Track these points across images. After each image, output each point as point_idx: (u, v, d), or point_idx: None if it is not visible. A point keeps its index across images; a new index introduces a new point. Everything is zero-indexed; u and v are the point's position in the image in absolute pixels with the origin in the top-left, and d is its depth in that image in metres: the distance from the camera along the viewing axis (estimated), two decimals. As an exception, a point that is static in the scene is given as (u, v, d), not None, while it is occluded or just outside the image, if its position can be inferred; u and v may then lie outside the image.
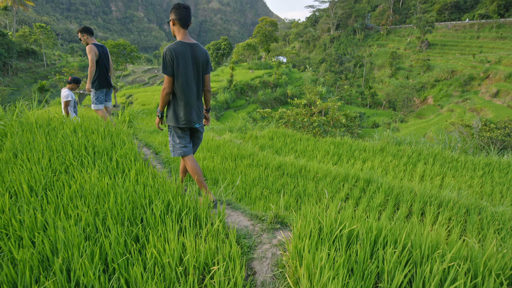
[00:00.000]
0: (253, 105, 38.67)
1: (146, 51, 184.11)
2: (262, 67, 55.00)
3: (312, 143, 7.80)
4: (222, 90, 38.37)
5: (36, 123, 4.17)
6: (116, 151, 3.49)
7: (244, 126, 12.16)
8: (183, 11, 2.95)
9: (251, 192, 4.57)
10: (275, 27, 66.76)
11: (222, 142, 6.83)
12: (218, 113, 34.10)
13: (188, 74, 2.97)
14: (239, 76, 44.87)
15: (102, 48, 5.38)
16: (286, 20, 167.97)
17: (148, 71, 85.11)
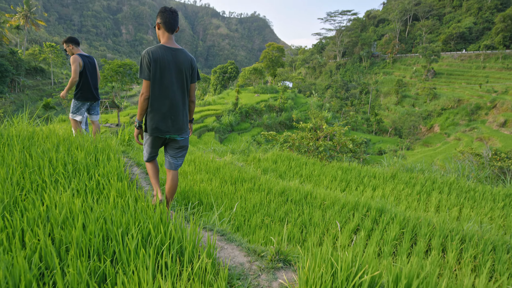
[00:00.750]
0: (258, 128, 38.50)
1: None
2: (268, 91, 55.34)
3: (318, 167, 7.37)
4: (227, 113, 38.34)
5: (17, 137, 3.81)
6: (98, 169, 3.09)
7: (247, 148, 11.78)
8: (169, 14, 2.81)
9: (251, 219, 4.12)
10: (282, 53, 67.71)
11: (222, 164, 6.43)
12: (222, 135, 33.90)
13: (167, 81, 2.77)
14: (245, 100, 45.01)
15: (89, 58, 5.12)
16: (293, 46, 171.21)
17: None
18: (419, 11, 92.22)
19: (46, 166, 3.02)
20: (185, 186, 4.89)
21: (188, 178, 5.42)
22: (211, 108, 39.95)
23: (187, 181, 5.26)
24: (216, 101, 45.67)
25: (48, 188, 2.60)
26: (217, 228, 2.63)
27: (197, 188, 4.90)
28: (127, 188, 2.76)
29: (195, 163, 6.41)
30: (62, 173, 2.96)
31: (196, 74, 2.99)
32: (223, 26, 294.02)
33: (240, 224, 3.98)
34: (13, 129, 4.01)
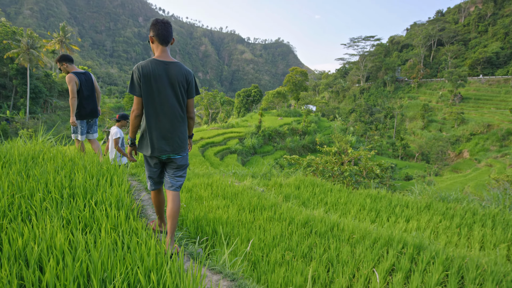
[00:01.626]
0: (281, 151, 38.06)
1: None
2: (291, 114, 55.14)
3: (344, 195, 6.83)
4: (250, 135, 38.22)
5: (19, 156, 3.59)
6: (97, 195, 2.77)
7: (269, 172, 11.35)
8: (161, 26, 2.68)
9: (270, 254, 3.66)
10: (305, 77, 67.91)
11: (241, 189, 6.03)
12: (245, 158, 33.64)
13: (159, 97, 2.59)
14: (268, 123, 44.92)
15: (85, 75, 4.94)
16: (316, 71, 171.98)
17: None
18: (444, 37, 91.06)
19: (40, 190, 2.72)
20: (199, 213, 4.51)
21: (203, 204, 5.04)
22: (234, 131, 39.99)
23: (202, 207, 4.88)
24: (239, 124, 45.79)
25: (34, 217, 2.28)
26: (227, 271, 2.21)
27: (212, 216, 4.50)
28: (124, 219, 2.40)
29: (212, 188, 6.05)
30: (56, 199, 2.65)
31: (193, 88, 2.80)
32: (247, 51, 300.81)
33: (258, 260, 3.53)
34: (15, 148, 3.80)
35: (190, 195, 5.50)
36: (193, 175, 9.87)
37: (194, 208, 4.84)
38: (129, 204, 2.79)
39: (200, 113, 69.00)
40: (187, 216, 4.31)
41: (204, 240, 3.92)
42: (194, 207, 4.86)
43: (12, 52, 47.87)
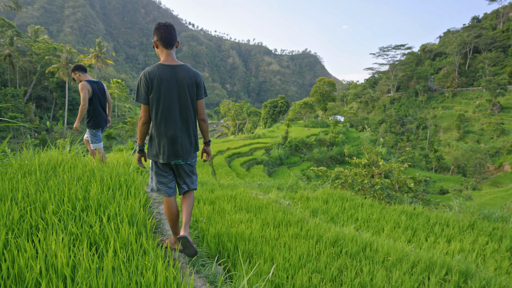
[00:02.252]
0: (308, 162, 37.40)
1: (208, 107, 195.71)
2: (319, 125, 54.40)
3: (377, 210, 6.36)
4: (277, 146, 37.88)
5: (40, 166, 3.49)
6: (110, 209, 2.57)
7: (295, 184, 10.97)
8: (163, 29, 2.58)
9: (296, 276, 3.32)
10: (333, 87, 67.04)
11: (265, 202, 5.72)
12: (271, 168, 33.28)
13: (168, 101, 2.53)
14: (295, 133, 44.45)
15: (97, 84, 4.93)
16: (344, 81, 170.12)
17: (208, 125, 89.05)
18: (480, 44, 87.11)
19: (54, 202, 2.56)
20: (221, 227, 4.25)
21: (225, 218, 4.78)
22: (261, 141, 39.82)
23: (224, 221, 4.62)
24: (266, 134, 45.60)
25: (41, 232, 2.10)
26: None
27: (234, 231, 4.23)
28: (136, 237, 2.18)
29: (236, 200, 5.79)
30: (68, 212, 2.47)
31: (202, 89, 2.75)
32: (274, 63, 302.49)
33: (282, 283, 3.20)
34: (36, 158, 3.71)
35: (212, 208, 5.26)
36: (217, 187, 9.67)
37: (216, 221, 4.59)
38: (142, 219, 2.56)
39: (227, 124, 69.60)
40: (208, 231, 4.07)
41: (225, 256, 3.65)
42: (216, 221, 4.62)
43: (53, 67, 50.52)
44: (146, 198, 3.35)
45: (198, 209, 5.10)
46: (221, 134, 71.70)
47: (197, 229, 3.98)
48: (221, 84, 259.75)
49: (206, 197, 5.83)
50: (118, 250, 2.04)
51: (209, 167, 27.09)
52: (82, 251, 2.03)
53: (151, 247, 2.15)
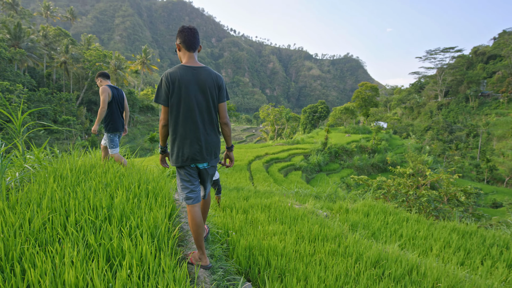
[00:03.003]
0: (348, 169, 36.27)
1: (247, 112, 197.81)
2: (360, 131, 52.78)
3: (424, 226, 5.82)
4: (316, 152, 37.16)
5: (72, 171, 3.48)
6: (132, 220, 2.45)
7: (334, 193, 10.53)
8: (187, 32, 2.59)
9: (332, 300, 3.02)
10: (376, 92, 64.85)
11: (301, 213, 5.43)
12: (309, 175, 32.66)
13: (189, 103, 2.49)
14: (335, 139, 43.40)
15: (117, 90, 5.06)
16: (388, 86, 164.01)
17: (247, 130, 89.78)
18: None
19: (77, 210, 2.49)
20: (253, 239, 4.04)
21: (258, 229, 4.56)
22: (300, 147, 39.29)
23: (256, 233, 4.41)
24: (304, 140, 44.96)
25: (58, 243, 2.01)
26: None
27: (267, 244, 3.99)
28: (155, 254, 2.02)
29: (270, 210, 5.56)
30: (90, 221, 2.38)
31: (224, 92, 2.70)
32: (315, 67, 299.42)
33: (316, 308, 2.92)
34: (67, 162, 3.73)
35: (245, 217, 5.07)
36: (253, 194, 9.49)
37: (248, 233, 4.39)
38: (164, 232, 2.41)
39: (266, 129, 69.64)
40: (239, 243, 3.87)
41: (256, 272, 3.43)
42: (248, 232, 4.42)
43: (102, 72, 53.37)
44: (173, 207, 3.22)
45: (230, 218, 4.93)
46: (260, 139, 71.86)
47: (225, 242, 3.80)
48: (261, 89, 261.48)
49: (240, 206, 5.65)
50: (134, 268, 1.89)
51: (246, 172, 27.07)
52: (97, 266, 1.90)
53: (167, 266, 1.97)
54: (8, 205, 2.68)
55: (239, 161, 30.89)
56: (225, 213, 5.19)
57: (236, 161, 31.19)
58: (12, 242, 2.03)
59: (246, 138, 75.16)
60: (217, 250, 2.93)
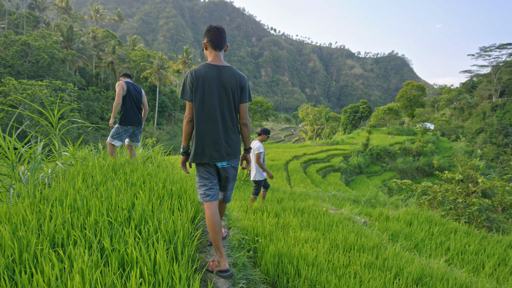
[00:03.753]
0: (390, 172, 34.75)
1: (286, 111, 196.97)
2: (404, 133, 50.46)
3: (474, 240, 5.25)
4: (356, 154, 36.00)
5: (102, 168, 3.46)
6: (150, 224, 2.32)
7: (374, 197, 9.99)
8: (214, 31, 2.61)
9: (367, 322, 2.72)
10: (422, 92, 61.70)
11: (337, 219, 5.10)
12: (349, 177, 31.68)
13: (211, 101, 2.50)
14: (376, 141, 41.81)
15: (134, 86, 5.15)
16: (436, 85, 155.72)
17: (285, 130, 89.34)
18: None
19: (97, 210, 2.41)
20: (283, 246, 3.81)
21: (289, 235, 4.32)
22: (339, 148, 38.28)
23: (287, 239, 4.18)
24: (344, 141, 43.77)
25: (68, 248, 1.92)
26: None
27: (297, 252, 3.75)
28: (168, 261, 1.87)
29: (303, 214, 5.28)
30: (109, 223, 2.29)
31: (247, 94, 2.68)
32: (357, 66, 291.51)
33: (348, 329, 2.64)
34: (95, 159, 3.72)
35: (276, 222, 4.84)
36: (287, 195, 9.24)
37: (278, 238, 4.17)
38: (182, 238, 2.26)
39: (305, 129, 68.76)
40: (268, 248, 3.66)
41: (284, 282, 3.21)
42: (279, 237, 4.19)
43: (146, 72, 55.65)
44: (197, 210, 3.08)
45: (261, 221, 4.73)
46: (299, 139, 71.10)
47: (252, 250, 3.61)
48: (300, 89, 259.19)
49: (272, 208, 5.43)
50: (146, 277, 1.75)
51: (283, 172, 26.77)
52: (109, 273, 1.78)
53: (179, 277, 1.81)
54: (33, 202, 2.68)
55: (277, 161, 30.63)
56: (255, 216, 5.00)
57: (273, 161, 30.96)
58: (26, 242, 1.97)
59: (285, 138, 74.76)
60: (241, 258, 2.74)
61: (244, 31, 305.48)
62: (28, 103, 13.46)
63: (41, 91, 32.33)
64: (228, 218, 3.58)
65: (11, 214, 2.37)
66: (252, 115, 33.74)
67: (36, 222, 2.21)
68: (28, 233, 2.06)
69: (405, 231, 5.41)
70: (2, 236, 1.97)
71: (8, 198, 3.13)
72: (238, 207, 5.43)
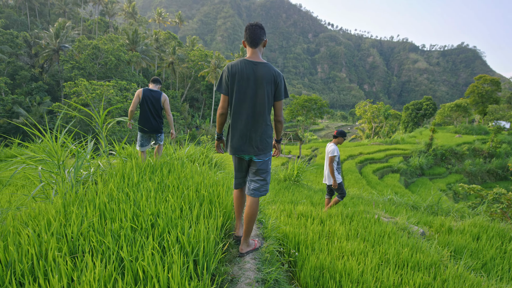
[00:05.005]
0: (456, 175, 31.94)
1: (343, 108, 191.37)
2: (474, 132, 46.15)
3: (560, 262, 4.43)
4: (418, 154, 33.67)
5: (141, 168, 3.42)
6: (173, 233, 2.17)
7: (436, 204, 9.10)
8: (250, 29, 2.67)
9: None
10: (497, 87, 55.92)
11: (389, 229, 4.62)
12: (409, 179, 29.72)
13: (245, 95, 2.58)
14: (441, 140, 38.72)
15: (152, 92, 5.14)
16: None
17: (342, 127, 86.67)
18: None
19: (123, 216, 2.33)
20: (325, 258, 3.49)
21: (334, 245, 3.97)
22: (399, 147, 36.10)
23: (332, 249, 3.84)
24: (405, 140, 41.19)
25: (87, 255, 1.83)
26: None
27: (341, 265, 3.40)
28: (183, 282, 1.69)
29: (352, 222, 4.87)
30: (132, 229, 2.18)
31: (282, 91, 2.69)
32: (421, 60, 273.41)
33: None
34: (135, 159, 3.70)
35: (321, 229, 4.50)
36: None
37: (321, 249, 3.84)
38: (203, 250, 2.08)
39: (362, 127, 66.08)
40: (308, 260, 3.37)
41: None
42: (321, 247, 3.86)
43: (204, 71, 57.44)
44: (229, 216, 2.89)
45: (304, 228, 4.44)
46: (355, 137, 68.52)
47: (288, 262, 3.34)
48: (358, 85, 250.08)
49: (317, 214, 5.09)
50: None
51: (337, 172, 25.90)
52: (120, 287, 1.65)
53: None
54: (67, 202, 2.68)
55: (330, 160, 29.72)
56: (299, 221, 4.71)
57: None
58: (44, 247, 1.93)
59: (340, 136, 72.50)
60: (272, 274, 2.49)
61: (300, 27, 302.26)
62: (80, 106, 12.75)
63: (108, 91, 34.86)
64: (264, 227, 3.34)
65: (42, 215, 2.38)
66: (305, 113, 33.11)
67: (59, 226, 2.17)
68: (49, 237, 2.01)
69: (470, 247, 4.73)
70: (23, 240, 1.95)
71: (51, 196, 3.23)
72: (280, 210, 5.15)
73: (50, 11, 76.36)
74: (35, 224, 2.26)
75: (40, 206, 2.65)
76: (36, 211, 2.50)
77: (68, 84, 34.94)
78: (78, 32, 66.19)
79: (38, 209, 2.51)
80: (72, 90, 33.92)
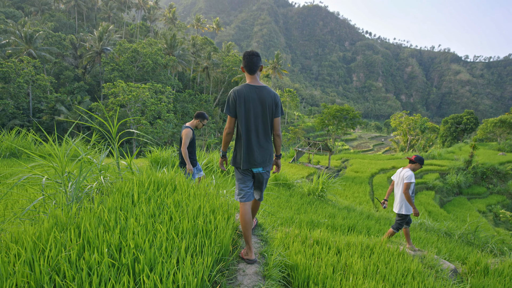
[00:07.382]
0: (498, 196, 29.76)
1: (378, 118, 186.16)
2: (519, 150, 42.97)
3: None
4: (455, 171, 31.76)
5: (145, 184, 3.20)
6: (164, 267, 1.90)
7: (473, 233, 8.28)
8: (247, 58, 2.98)
9: None
10: (548, 102, 51.86)
11: (415, 266, 4.11)
12: (445, 197, 28.02)
13: (251, 116, 2.93)
14: (483, 157, 36.36)
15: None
16: None
17: (375, 138, 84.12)
18: None
19: (105, 245, 2.09)
20: (337, 300, 3.09)
21: (348, 282, 3.54)
22: (435, 163, 34.27)
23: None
24: (442, 155, 39.09)
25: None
26: None
27: (354, 311, 3.00)
28: None
29: (372, 254, 4.40)
30: (112, 265, 1.94)
31: (280, 109, 3.06)
32: (464, 71, 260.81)
33: None
34: (139, 175, 3.49)
35: (336, 260, 4.08)
36: (362, 220, 8.18)
37: (334, 286, 3.44)
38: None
39: (397, 139, 63.71)
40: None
41: None
42: (334, 285, 3.45)
43: (237, 77, 57.94)
44: (225, 251, 2.58)
45: (319, 260, 4.03)
46: (389, 149, 66.10)
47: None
48: (395, 95, 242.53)
49: (334, 242, 4.65)
50: None
51: (367, 186, 24.88)
52: None
53: None
54: (55, 224, 2.50)
55: (360, 173, 28.71)
56: (312, 250, 4.30)
57: (357, 173, 29.09)
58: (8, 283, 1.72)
59: (374, 147, 70.31)
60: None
61: (337, 35, 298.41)
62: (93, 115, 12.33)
63: (143, 93, 35.86)
64: (266, 261, 2.98)
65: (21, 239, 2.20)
66: (337, 123, 32.23)
67: (31, 256, 1.97)
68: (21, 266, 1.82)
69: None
70: None
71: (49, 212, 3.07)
72: (295, 235, 4.73)
73: (96, 16, 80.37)
74: (4, 254, 2.08)
75: (25, 228, 2.48)
76: (15, 235, 2.33)
77: (107, 85, 36.31)
78: (120, 35, 69.01)
79: (17, 232, 2.33)
80: (110, 91, 35.21)
